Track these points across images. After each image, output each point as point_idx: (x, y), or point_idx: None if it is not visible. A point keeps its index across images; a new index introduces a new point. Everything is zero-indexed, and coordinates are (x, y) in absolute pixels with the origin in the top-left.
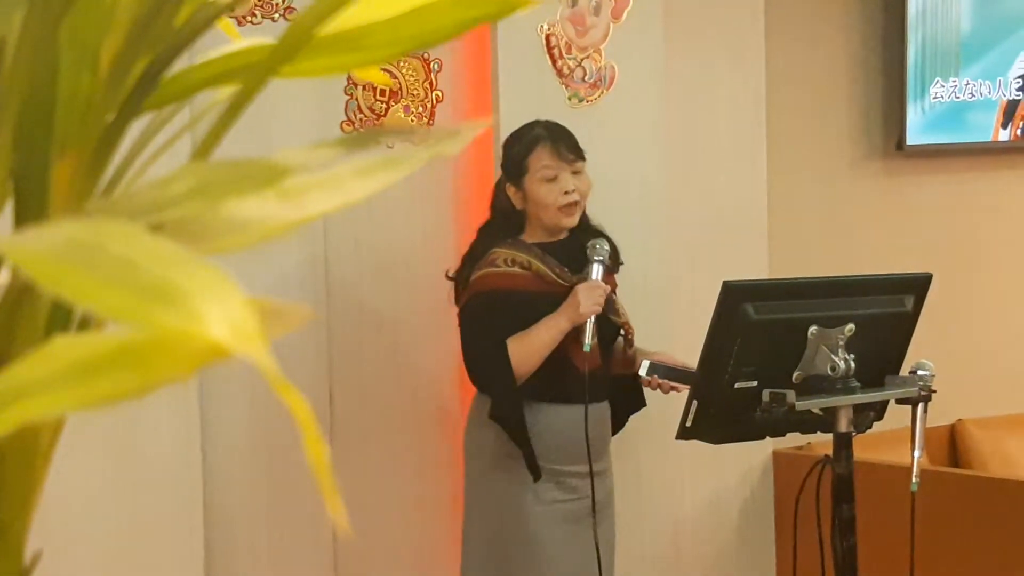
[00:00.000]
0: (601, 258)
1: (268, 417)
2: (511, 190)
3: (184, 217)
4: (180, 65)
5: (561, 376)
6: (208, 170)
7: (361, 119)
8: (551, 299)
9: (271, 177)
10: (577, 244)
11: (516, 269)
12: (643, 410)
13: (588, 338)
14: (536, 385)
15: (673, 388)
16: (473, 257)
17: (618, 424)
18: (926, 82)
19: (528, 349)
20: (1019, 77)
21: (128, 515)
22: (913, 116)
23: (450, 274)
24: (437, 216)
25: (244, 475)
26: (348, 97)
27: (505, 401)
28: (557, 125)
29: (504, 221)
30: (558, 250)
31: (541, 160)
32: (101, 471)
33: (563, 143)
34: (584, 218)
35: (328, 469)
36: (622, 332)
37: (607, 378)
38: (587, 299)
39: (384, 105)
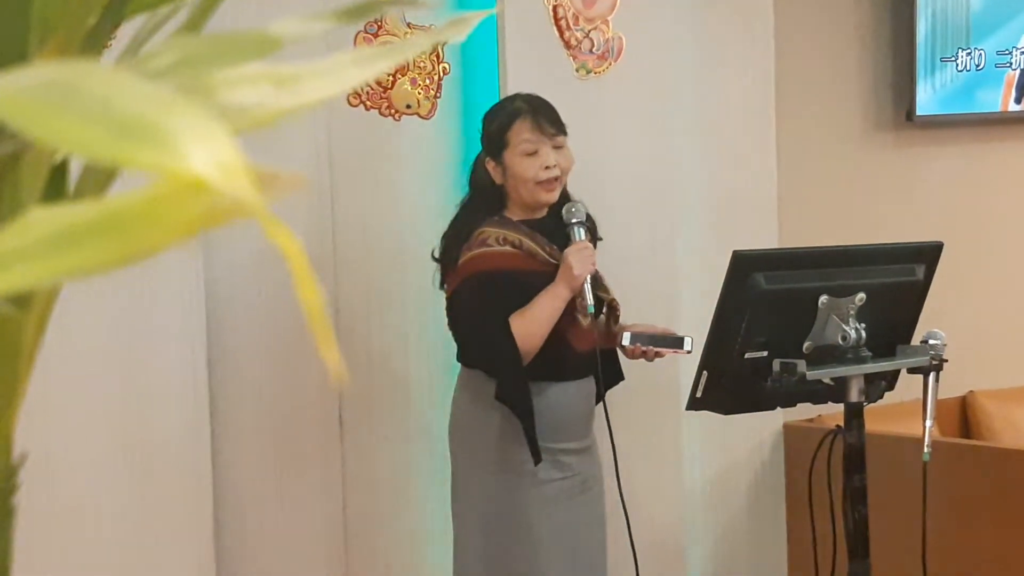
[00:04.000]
0: (580, 219)
1: (278, 398)
2: (490, 164)
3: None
4: None
5: (556, 354)
6: (195, 42)
7: (367, 91)
8: (544, 277)
9: (261, 48)
10: (560, 221)
11: (508, 248)
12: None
13: (589, 299)
14: (532, 364)
15: (657, 354)
16: (458, 236)
17: (596, 398)
18: (936, 53)
19: (531, 325)
20: None
21: (137, 500)
22: (923, 87)
23: (436, 255)
24: (444, 195)
25: (253, 456)
26: None
27: (513, 382)
28: (538, 98)
29: (485, 197)
30: (543, 227)
31: (521, 134)
32: (110, 456)
33: (544, 117)
34: (564, 195)
35: (323, 313)
36: (604, 308)
37: (598, 353)
38: (578, 262)
39: (391, 78)
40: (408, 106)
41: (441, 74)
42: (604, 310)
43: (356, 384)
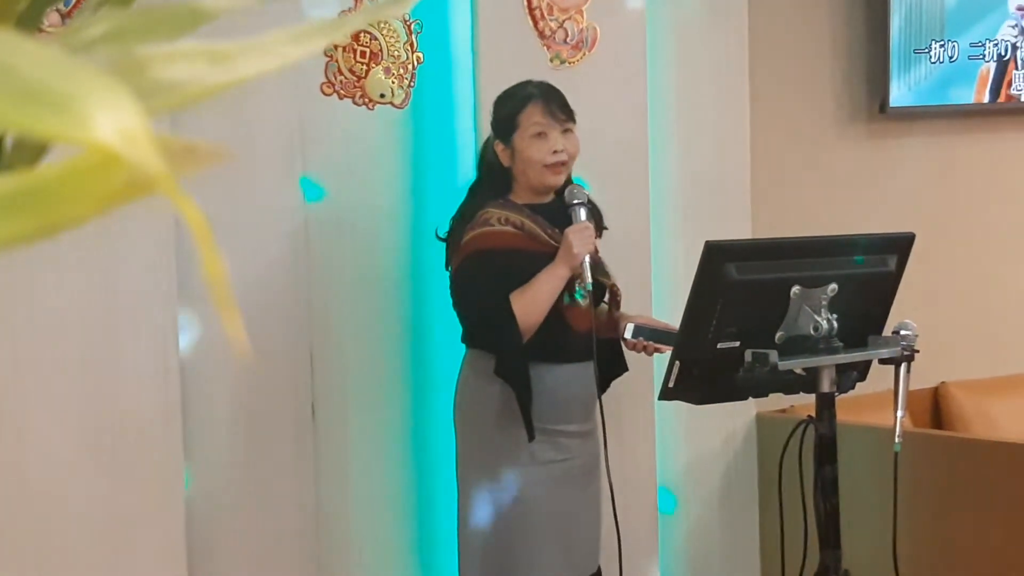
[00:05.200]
0: (581, 200)
1: (250, 389)
2: (499, 147)
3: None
4: None
5: (555, 335)
6: (123, 16)
7: (341, 80)
8: (545, 259)
9: (191, 21)
10: (564, 206)
11: (509, 228)
12: (627, 371)
13: (588, 277)
14: (531, 344)
15: (657, 350)
16: (464, 217)
17: (601, 387)
18: (910, 45)
19: (531, 303)
20: (1005, 41)
21: (107, 489)
22: (897, 79)
23: (440, 235)
24: (418, 185)
25: (225, 447)
26: (328, 59)
27: (512, 357)
28: (549, 85)
29: (492, 180)
30: (546, 212)
31: (532, 117)
32: (80, 444)
33: (555, 102)
34: (569, 181)
35: (226, 284)
36: (606, 297)
37: (594, 338)
38: (578, 241)
39: (364, 67)
40: (382, 95)
41: (415, 64)
42: (606, 297)
43: (328, 374)
